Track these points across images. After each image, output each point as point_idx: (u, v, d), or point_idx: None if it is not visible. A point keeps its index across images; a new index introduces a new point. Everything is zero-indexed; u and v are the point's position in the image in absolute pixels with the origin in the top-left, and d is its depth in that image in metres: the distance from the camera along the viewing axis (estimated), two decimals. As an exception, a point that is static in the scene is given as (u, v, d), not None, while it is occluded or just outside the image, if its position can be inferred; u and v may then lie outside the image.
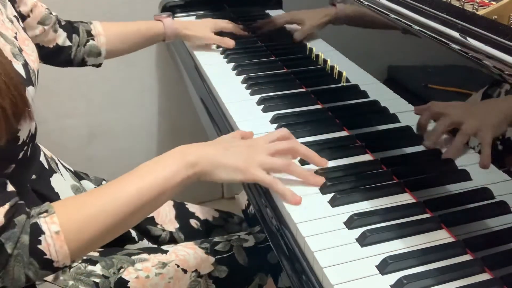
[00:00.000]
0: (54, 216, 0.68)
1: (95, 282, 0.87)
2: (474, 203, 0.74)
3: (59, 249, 0.67)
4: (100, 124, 1.83)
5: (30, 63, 0.82)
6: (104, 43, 1.19)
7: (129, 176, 0.75)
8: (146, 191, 0.73)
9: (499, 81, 0.67)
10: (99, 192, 0.74)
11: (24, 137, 0.79)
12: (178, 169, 0.75)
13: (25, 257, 0.66)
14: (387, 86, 0.93)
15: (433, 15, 0.76)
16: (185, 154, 0.77)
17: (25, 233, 0.66)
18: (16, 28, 0.87)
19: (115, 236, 0.74)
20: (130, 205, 0.71)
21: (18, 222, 0.66)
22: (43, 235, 0.67)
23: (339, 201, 0.77)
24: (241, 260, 0.97)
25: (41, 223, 0.67)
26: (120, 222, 0.72)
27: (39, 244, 0.66)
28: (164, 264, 0.92)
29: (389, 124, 0.93)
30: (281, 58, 1.28)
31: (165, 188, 0.74)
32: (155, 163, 0.77)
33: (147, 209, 0.75)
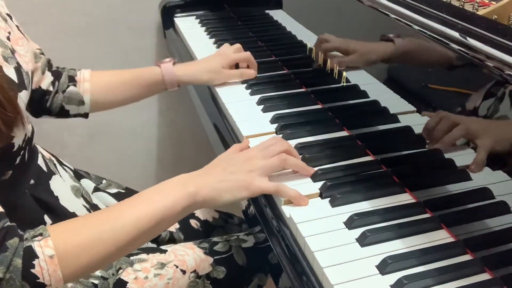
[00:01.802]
0: (48, 240, 0.66)
1: (93, 283, 0.87)
2: (474, 203, 0.74)
3: (52, 273, 0.66)
4: (100, 124, 1.82)
5: (23, 65, 0.81)
6: (87, 90, 1.06)
7: (129, 204, 0.74)
8: (145, 221, 0.72)
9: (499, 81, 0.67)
10: (97, 218, 0.73)
11: (19, 142, 0.78)
12: (178, 199, 0.75)
13: (18, 281, 0.64)
14: (387, 86, 0.93)
15: (433, 15, 0.76)
16: (185, 184, 0.76)
17: (17, 256, 0.64)
18: (10, 26, 0.86)
19: (111, 262, 0.74)
20: (128, 234, 0.71)
21: (10, 246, 0.65)
22: (37, 259, 0.65)
23: (339, 201, 0.77)
24: (239, 260, 0.97)
25: (35, 247, 0.66)
26: (117, 250, 0.71)
27: (32, 268, 0.65)
28: (163, 264, 0.92)
29: (389, 124, 0.93)
30: (281, 58, 1.28)
31: (164, 217, 0.73)
32: (154, 192, 0.76)
33: (145, 238, 0.75)
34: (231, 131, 1.03)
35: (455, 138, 0.77)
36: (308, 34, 1.21)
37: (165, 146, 1.94)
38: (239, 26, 1.52)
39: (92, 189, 1.05)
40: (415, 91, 0.88)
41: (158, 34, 1.75)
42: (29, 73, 0.83)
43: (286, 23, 1.38)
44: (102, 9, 1.67)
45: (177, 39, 1.53)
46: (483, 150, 0.71)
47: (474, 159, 0.72)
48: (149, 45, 1.77)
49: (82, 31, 1.68)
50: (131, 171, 1.90)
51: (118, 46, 1.73)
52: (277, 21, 1.43)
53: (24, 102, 0.79)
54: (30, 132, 0.82)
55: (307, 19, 1.24)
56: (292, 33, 1.33)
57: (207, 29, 1.50)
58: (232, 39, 1.36)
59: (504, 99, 0.68)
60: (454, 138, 0.77)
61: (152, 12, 1.69)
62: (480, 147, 0.71)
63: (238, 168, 0.79)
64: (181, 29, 1.53)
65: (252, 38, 1.42)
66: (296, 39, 1.29)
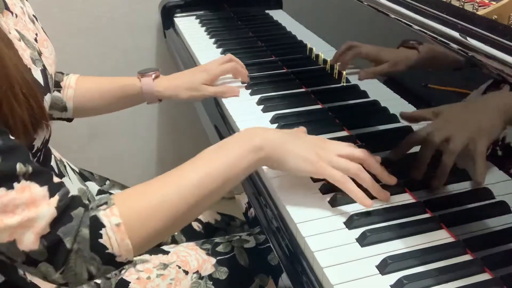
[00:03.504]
0: (114, 208, 0.65)
1: (96, 283, 0.87)
2: (474, 203, 0.74)
3: (121, 242, 0.64)
4: (100, 124, 1.82)
5: (48, 68, 0.80)
6: (71, 97, 1.04)
7: (192, 163, 0.71)
8: (210, 179, 0.69)
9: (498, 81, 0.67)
10: (161, 181, 0.70)
11: (38, 144, 0.78)
12: (243, 153, 0.71)
13: (86, 252, 0.63)
14: (387, 86, 0.93)
15: (433, 15, 0.76)
16: (251, 138, 0.73)
17: (84, 226, 0.63)
18: (37, 28, 0.86)
19: (179, 228, 0.71)
20: (194, 193, 0.68)
21: (75, 216, 0.63)
22: (104, 229, 0.63)
23: (339, 201, 0.77)
24: (242, 261, 0.97)
25: (100, 216, 0.64)
26: (184, 212, 0.68)
27: (100, 238, 0.63)
28: (165, 265, 0.92)
29: (389, 124, 0.93)
30: (281, 58, 1.28)
31: (230, 174, 0.71)
32: (219, 148, 0.73)
33: (212, 198, 0.71)
34: (231, 131, 1.03)
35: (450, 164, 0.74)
36: (308, 34, 1.21)
37: (165, 146, 1.94)
38: (239, 26, 1.52)
39: (96, 191, 1.05)
40: (415, 91, 0.88)
41: (158, 34, 1.75)
42: (52, 75, 0.83)
43: (286, 23, 1.38)
44: (102, 9, 1.67)
45: (177, 39, 1.53)
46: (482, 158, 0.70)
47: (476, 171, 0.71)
48: (149, 45, 1.77)
49: (82, 31, 1.68)
50: (131, 171, 1.90)
51: (118, 46, 1.73)
52: (277, 21, 1.43)
53: (48, 105, 0.79)
54: (49, 134, 0.82)
55: (307, 19, 1.24)
56: (292, 33, 1.33)
57: (207, 29, 1.50)
58: (232, 39, 1.37)
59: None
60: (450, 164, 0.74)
61: (152, 12, 1.69)
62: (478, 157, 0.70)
63: (311, 143, 0.75)
64: (181, 29, 1.53)
65: (252, 38, 1.42)
66: (296, 39, 1.29)
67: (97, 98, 1.07)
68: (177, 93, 1.08)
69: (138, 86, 1.07)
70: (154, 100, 1.10)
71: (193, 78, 1.09)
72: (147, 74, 1.07)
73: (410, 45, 0.82)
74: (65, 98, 1.04)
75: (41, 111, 0.71)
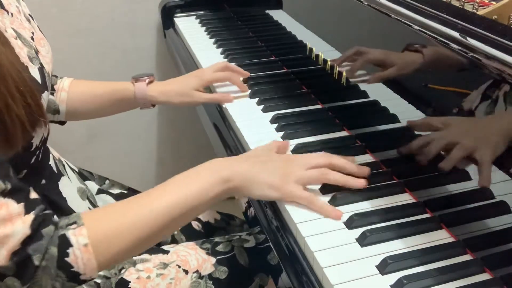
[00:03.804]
0: (83, 228, 0.66)
1: (96, 282, 0.87)
2: (474, 203, 0.74)
3: (86, 262, 0.66)
4: (100, 124, 1.82)
5: (45, 66, 0.81)
6: (63, 100, 1.05)
7: (161, 190, 0.73)
8: (178, 206, 0.71)
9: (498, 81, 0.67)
10: (129, 205, 0.72)
11: (37, 142, 0.78)
12: (211, 184, 0.73)
13: (53, 269, 0.65)
14: (387, 86, 0.93)
15: (433, 15, 0.76)
16: (219, 169, 0.75)
17: (53, 245, 0.65)
18: (33, 27, 0.86)
19: (142, 250, 0.73)
20: (161, 220, 0.70)
21: (45, 234, 0.65)
22: (71, 248, 0.65)
23: (339, 201, 0.77)
24: (242, 260, 0.97)
25: (69, 235, 0.66)
26: (149, 237, 0.70)
27: (67, 257, 0.65)
28: (165, 264, 0.92)
29: (389, 124, 0.93)
30: (281, 58, 1.28)
31: (197, 203, 0.72)
32: (187, 178, 0.74)
33: (177, 224, 0.73)
34: (231, 131, 1.03)
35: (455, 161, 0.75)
36: (308, 34, 1.21)
37: (165, 146, 1.94)
38: (239, 26, 1.52)
39: (96, 191, 1.05)
40: (415, 91, 0.88)
41: (158, 34, 1.75)
42: (50, 74, 0.83)
43: (286, 23, 1.38)
44: (102, 9, 1.67)
45: (177, 39, 1.53)
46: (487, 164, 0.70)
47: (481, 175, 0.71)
48: (149, 45, 1.77)
49: (82, 31, 1.68)
50: (131, 171, 1.90)
51: (118, 46, 1.73)
52: (277, 21, 1.43)
53: (45, 102, 0.79)
54: (47, 133, 0.83)
55: (307, 19, 1.24)
56: (292, 33, 1.33)
57: (207, 29, 1.50)
58: (232, 39, 1.37)
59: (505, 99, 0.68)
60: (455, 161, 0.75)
61: (152, 12, 1.69)
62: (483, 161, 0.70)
63: (277, 166, 0.77)
64: (181, 29, 1.53)
65: (252, 38, 1.42)
66: (296, 39, 1.29)
67: (89, 102, 1.07)
68: (169, 98, 1.09)
69: (131, 91, 1.07)
70: (148, 105, 1.10)
71: (185, 84, 1.09)
72: (141, 79, 1.08)
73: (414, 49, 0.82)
74: (58, 101, 1.04)
75: (39, 109, 0.71)
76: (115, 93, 1.08)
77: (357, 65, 0.99)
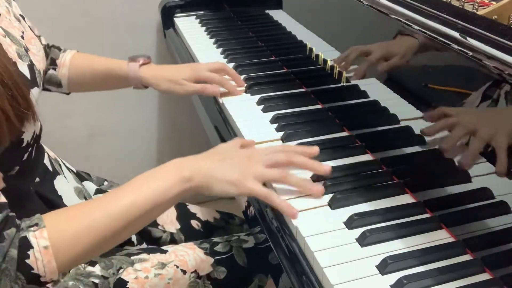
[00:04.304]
0: (43, 231, 0.67)
1: (94, 282, 0.87)
2: (474, 203, 0.74)
3: (47, 264, 0.66)
4: (100, 124, 1.83)
5: (35, 63, 0.82)
6: (64, 74, 1.10)
7: (122, 190, 0.73)
8: (138, 206, 0.71)
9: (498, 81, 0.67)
10: (90, 206, 0.73)
11: (28, 138, 0.79)
12: (173, 184, 0.74)
13: (12, 271, 0.65)
14: (387, 86, 0.93)
15: (433, 15, 0.76)
16: (180, 169, 0.75)
17: (13, 247, 0.65)
18: (23, 27, 0.87)
19: (105, 250, 0.73)
20: (122, 219, 0.70)
21: (7, 236, 0.65)
22: (32, 250, 0.65)
23: (339, 201, 0.77)
24: (240, 261, 0.97)
25: (30, 237, 0.66)
26: (111, 237, 0.70)
27: (27, 259, 0.65)
28: (164, 264, 0.92)
29: (389, 124, 0.93)
30: (281, 58, 1.28)
31: (158, 203, 0.73)
32: (148, 177, 0.75)
33: (139, 224, 0.74)
34: (231, 131, 1.03)
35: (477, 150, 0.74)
36: (308, 34, 1.21)
37: (165, 146, 1.94)
38: (239, 26, 1.52)
39: (94, 191, 1.05)
40: (415, 91, 0.88)
41: (158, 34, 1.75)
42: (41, 71, 0.84)
43: (286, 23, 1.38)
44: (102, 9, 1.67)
45: (177, 39, 1.53)
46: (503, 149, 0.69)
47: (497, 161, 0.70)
48: (149, 45, 1.77)
49: (82, 31, 1.68)
50: (131, 171, 1.89)
51: (118, 46, 1.73)
52: (277, 21, 1.43)
53: (35, 98, 0.80)
54: (39, 130, 0.83)
55: (307, 19, 1.24)
56: (292, 33, 1.33)
57: (207, 29, 1.50)
58: (232, 39, 1.37)
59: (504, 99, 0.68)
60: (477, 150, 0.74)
61: (152, 12, 1.69)
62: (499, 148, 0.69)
63: (236, 163, 0.78)
64: (181, 29, 1.53)
65: (252, 38, 1.42)
66: (296, 39, 1.29)
67: (88, 77, 1.11)
68: (158, 82, 1.10)
69: (124, 70, 1.10)
70: (139, 86, 1.12)
71: (178, 72, 1.11)
72: (137, 59, 1.11)
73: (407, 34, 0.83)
74: (60, 75, 1.10)
75: (26, 102, 0.72)
76: (110, 71, 1.11)
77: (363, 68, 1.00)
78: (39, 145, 0.88)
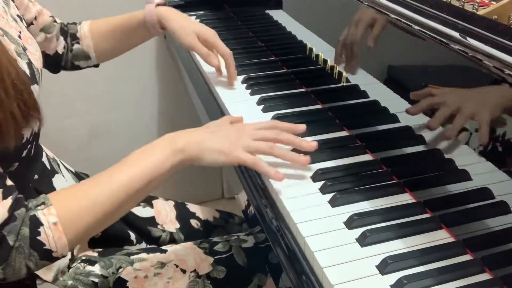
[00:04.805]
0: (51, 208, 0.70)
1: (94, 282, 0.87)
2: (474, 203, 0.74)
3: (57, 240, 0.69)
4: (100, 124, 1.83)
5: (34, 62, 0.83)
6: (90, 45, 1.13)
7: (120, 166, 0.77)
8: (136, 179, 0.75)
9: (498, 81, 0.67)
10: (92, 182, 0.76)
11: (27, 135, 0.79)
12: (167, 156, 0.78)
13: (26, 248, 0.67)
14: (387, 86, 0.93)
15: (433, 15, 0.76)
16: (172, 141, 0.79)
17: (25, 225, 0.68)
18: (20, 27, 0.88)
19: (110, 222, 0.77)
20: (122, 193, 0.74)
21: (18, 215, 0.68)
22: (42, 227, 0.68)
23: (339, 201, 0.77)
24: (240, 260, 0.97)
25: (39, 215, 0.69)
26: (114, 210, 0.74)
27: (39, 236, 0.68)
28: (163, 264, 0.92)
29: (389, 124, 0.93)
30: (281, 58, 1.28)
31: (155, 175, 0.76)
32: (144, 152, 0.79)
33: (138, 196, 0.77)
34: (231, 131, 1.03)
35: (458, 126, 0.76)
36: (308, 34, 1.21)
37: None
38: (239, 26, 1.52)
39: None
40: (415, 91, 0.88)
41: (158, 34, 1.75)
42: (39, 70, 0.85)
43: (286, 23, 1.38)
44: (102, 9, 1.67)
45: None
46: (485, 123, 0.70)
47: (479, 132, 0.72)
48: (149, 45, 1.76)
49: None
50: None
51: (118, 46, 1.72)
52: (277, 21, 1.43)
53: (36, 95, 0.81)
54: (38, 128, 0.84)
55: (307, 19, 1.24)
56: (292, 33, 1.33)
57: (207, 29, 1.49)
58: (232, 39, 1.36)
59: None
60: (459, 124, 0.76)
61: (152, 12, 1.69)
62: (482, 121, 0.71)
63: (226, 134, 0.82)
64: (181, 29, 1.53)
65: (252, 38, 1.42)
66: (296, 39, 1.29)
67: (110, 37, 1.14)
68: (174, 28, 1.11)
69: (140, 15, 1.13)
70: (157, 30, 1.13)
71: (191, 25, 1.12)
72: (150, 2, 1.14)
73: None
74: (85, 47, 1.13)
75: (33, 103, 0.74)
76: (127, 22, 1.14)
77: None
78: (38, 143, 0.89)
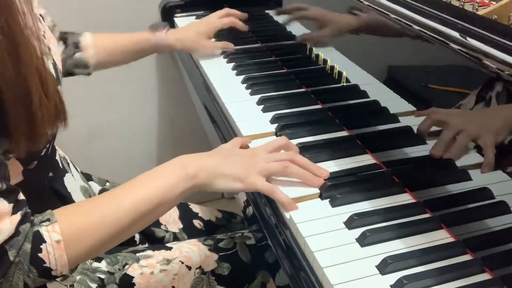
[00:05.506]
0: (56, 225, 0.68)
1: (100, 278, 0.87)
2: (474, 203, 0.74)
3: (58, 258, 0.68)
4: (100, 124, 1.82)
5: (56, 62, 0.83)
6: (92, 56, 1.16)
7: (129, 186, 0.75)
8: (145, 203, 0.73)
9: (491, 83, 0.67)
10: (99, 201, 0.75)
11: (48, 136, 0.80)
12: (178, 181, 0.75)
13: (26, 264, 0.66)
14: (387, 86, 0.93)
15: (433, 15, 0.76)
16: (185, 166, 0.77)
17: (27, 241, 0.66)
18: (44, 26, 0.88)
19: (113, 245, 0.75)
20: (129, 216, 0.72)
21: (22, 230, 0.67)
22: (44, 244, 0.67)
23: (339, 201, 0.77)
24: (244, 257, 0.98)
25: (42, 232, 0.68)
26: (119, 232, 0.72)
27: (40, 253, 0.67)
28: (169, 260, 0.93)
29: (389, 124, 0.93)
30: (281, 58, 1.28)
31: (164, 199, 0.74)
32: (155, 174, 0.76)
33: (146, 220, 0.75)
34: (231, 131, 1.03)
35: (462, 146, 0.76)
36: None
37: (165, 146, 1.94)
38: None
39: (98, 191, 1.06)
40: (415, 91, 0.88)
41: (158, 34, 1.75)
42: (60, 69, 0.86)
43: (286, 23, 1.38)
44: (102, 9, 1.67)
45: (177, 39, 1.53)
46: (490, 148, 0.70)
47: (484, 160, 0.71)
48: (149, 45, 1.77)
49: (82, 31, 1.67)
50: (131, 171, 1.90)
51: (118, 46, 1.72)
52: (277, 21, 1.43)
53: None
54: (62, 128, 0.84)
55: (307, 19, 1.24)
56: (292, 33, 1.33)
57: (207, 29, 1.49)
58: (232, 39, 1.36)
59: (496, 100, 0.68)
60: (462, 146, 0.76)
61: (152, 12, 1.69)
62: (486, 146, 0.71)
63: (239, 160, 0.80)
64: (181, 29, 1.53)
65: (252, 38, 1.42)
66: (296, 39, 1.29)
67: (118, 53, 1.22)
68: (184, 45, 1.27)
69: (153, 41, 1.23)
70: (167, 52, 1.30)
71: (197, 32, 1.27)
72: (160, 29, 1.24)
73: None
74: (87, 57, 1.15)
75: (62, 105, 0.75)
76: (137, 44, 1.23)
77: None
78: (54, 142, 0.90)
